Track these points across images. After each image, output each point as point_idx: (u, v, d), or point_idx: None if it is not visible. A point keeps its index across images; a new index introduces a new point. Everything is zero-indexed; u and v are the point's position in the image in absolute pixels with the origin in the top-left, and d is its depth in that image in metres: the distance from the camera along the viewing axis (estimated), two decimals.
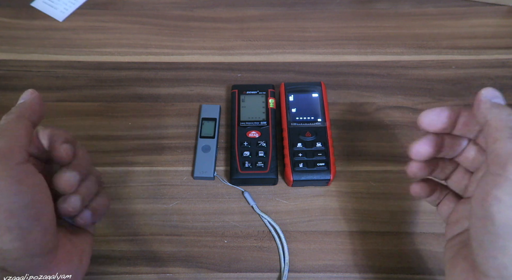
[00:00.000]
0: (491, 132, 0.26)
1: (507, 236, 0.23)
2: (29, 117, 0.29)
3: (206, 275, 0.39)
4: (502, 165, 0.24)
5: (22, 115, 0.29)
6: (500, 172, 0.24)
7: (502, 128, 0.26)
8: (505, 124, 0.26)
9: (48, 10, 0.57)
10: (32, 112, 0.30)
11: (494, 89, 0.28)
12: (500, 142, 0.25)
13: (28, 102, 0.30)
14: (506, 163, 0.24)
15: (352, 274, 0.39)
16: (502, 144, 0.25)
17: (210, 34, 0.55)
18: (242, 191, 0.43)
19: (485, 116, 0.27)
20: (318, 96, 0.47)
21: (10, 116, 0.28)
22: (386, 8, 0.58)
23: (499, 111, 0.27)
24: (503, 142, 0.25)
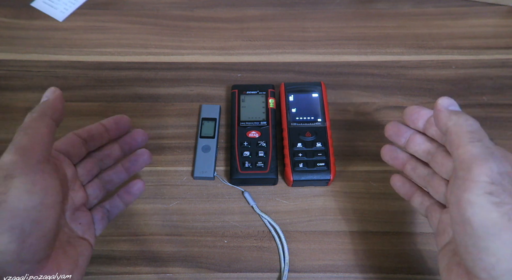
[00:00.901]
0: (453, 139, 0.27)
1: (487, 236, 0.24)
2: (51, 116, 0.29)
3: (206, 275, 0.39)
4: (467, 169, 0.25)
5: (45, 113, 0.29)
6: (466, 176, 0.25)
7: (461, 134, 0.27)
8: (464, 130, 0.27)
9: (48, 10, 0.57)
10: (55, 111, 0.29)
11: (449, 98, 0.29)
12: (462, 147, 0.26)
13: (51, 101, 0.30)
14: (470, 167, 0.25)
15: (352, 274, 0.39)
16: (464, 149, 0.26)
17: (210, 34, 0.55)
18: (242, 191, 0.43)
19: (445, 124, 0.28)
20: (318, 96, 0.47)
21: (33, 115, 0.28)
22: (386, 8, 0.58)
23: (457, 118, 0.28)
24: (465, 147, 0.26)
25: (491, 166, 0.25)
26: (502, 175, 0.25)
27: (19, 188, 0.24)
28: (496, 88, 0.50)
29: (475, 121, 0.27)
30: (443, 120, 0.28)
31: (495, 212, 0.24)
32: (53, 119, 0.29)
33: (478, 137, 0.26)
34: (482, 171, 0.25)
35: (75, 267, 0.29)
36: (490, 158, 0.25)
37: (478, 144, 0.26)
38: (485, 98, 0.49)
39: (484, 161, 0.25)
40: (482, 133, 0.27)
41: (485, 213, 0.24)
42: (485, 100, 0.49)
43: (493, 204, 0.24)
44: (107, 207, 0.35)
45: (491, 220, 0.24)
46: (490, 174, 0.24)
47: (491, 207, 0.24)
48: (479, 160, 0.25)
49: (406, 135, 0.34)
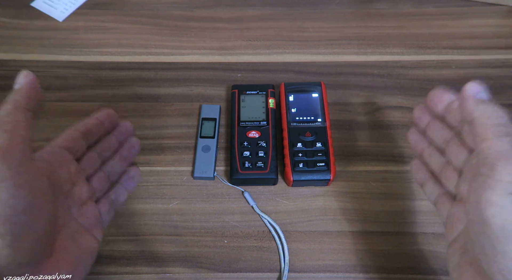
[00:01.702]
0: (478, 131, 0.25)
1: (506, 240, 0.23)
2: (27, 106, 0.27)
3: (206, 275, 0.39)
4: (491, 166, 0.24)
5: (20, 105, 0.27)
6: (489, 173, 0.24)
7: (488, 127, 0.25)
8: (492, 122, 0.25)
9: (48, 10, 0.57)
10: (30, 100, 0.27)
11: (479, 84, 0.27)
12: (488, 141, 0.24)
13: (24, 89, 0.28)
14: (495, 164, 0.23)
15: (352, 274, 0.39)
16: (489, 143, 0.24)
17: (210, 34, 0.55)
18: (242, 191, 0.43)
19: (470, 113, 0.26)
20: (318, 96, 0.47)
21: (7, 107, 0.26)
22: (386, 8, 0.58)
23: (484, 108, 0.26)
24: (491, 141, 0.24)
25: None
26: None
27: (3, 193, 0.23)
28: (496, 88, 0.50)
29: (504, 113, 0.25)
30: (469, 109, 0.26)
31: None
32: (29, 110, 0.27)
33: (507, 131, 0.24)
34: (508, 169, 0.23)
35: (77, 265, 0.28)
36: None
37: (506, 139, 0.24)
38: None
39: (510, 158, 0.23)
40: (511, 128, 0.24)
41: (506, 214, 0.23)
42: None
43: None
44: (112, 197, 0.35)
45: None
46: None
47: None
48: (505, 157, 0.23)
49: (427, 118, 0.33)
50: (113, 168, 0.36)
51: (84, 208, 0.32)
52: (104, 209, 0.34)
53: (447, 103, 0.30)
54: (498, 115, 0.25)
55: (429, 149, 0.33)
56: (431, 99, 0.32)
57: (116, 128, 0.37)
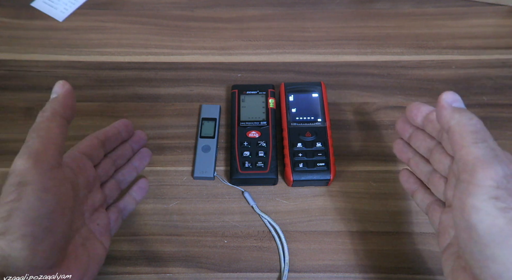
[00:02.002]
0: (455, 139, 0.26)
1: (493, 244, 0.23)
2: (63, 115, 0.28)
3: (206, 275, 0.39)
4: (471, 172, 0.24)
5: (56, 112, 0.28)
6: (470, 179, 0.24)
7: (465, 134, 0.25)
8: (467, 129, 0.25)
9: (48, 10, 0.57)
10: (66, 109, 0.28)
11: (454, 93, 0.28)
12: (465, 148, 0.25)
13: (61, 98, 0.28)
14: (474, 170, 0.24)
15: (352, 274, 0.39)
16: (467, 150, 0.25)
17: (210, 34, 0.55)
18: (242, 191, 0.43)
19: (447, 122, 0.27)
20: (318, 96, 0.47)
21: (45, 114, 0.27)
22: (386, 8, 0.58)
23: (460, 116, 0.26)
24: (468, 148, 0.25)
25: (496, 169, 0.23)
26: (508, 178, 0.23)
27: (31, 196, 0.24)
28: (496, 88, 0.50)
29: (479, 121, 0.26)
30: (446, 117, 0.27)
31: (501, 218, 0.23)
32: (64, 118, 0.28)
33: (482, 137, 0.25)
34: (487, 174, 0.23)
35: (86, 272, 0.29)
36: (494, 160, 0.24)
37: (482, 145, 0.24)
38: (485, 98, 0.49)
39: (489, 163, 0.24)
40: (487, 134, 0.25)
41: (491, 219, 0.23)
42: (485, 100, 0.49)
43: (499, 210, 0.23)
44: (121, 206, 0.35)
45: (497, 227, 0.23)
46: (496, 178, 0.23)
47: (497, 213, 0.23)
48: (483, 162, 0.24)
49: (410, 130, 0.34)
50: (124, 176, 0.37)
51: (96, 214, 0.32)
52: (113, 217, 0.34)
53: (425, 115, 0.31)
54: (473, 123, 0.26)
55: (415, 158, 0.34)
56: (409, 112, 0.32)
57: (131, 137, 0.38)
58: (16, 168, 0.25)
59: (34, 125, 0.27)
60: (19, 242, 0.23)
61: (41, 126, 0.27)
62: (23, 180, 0.24)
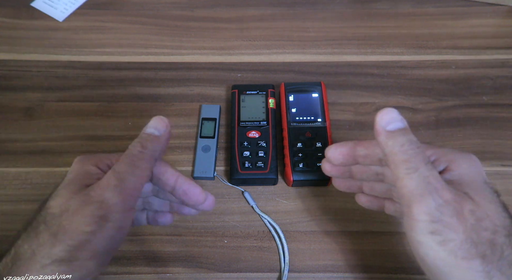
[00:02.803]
0: (391, 169, 0.26)
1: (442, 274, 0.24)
2: (157, 157, 0.28)
3: (206, 275, 0.39)
4: (408, 207, 0.24)
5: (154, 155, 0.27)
6: (409, 214, 0.24)
7: (399, 164, 0.25)
8: (400, 159, 0.25)
9: (48, 10, 0.57)
10: (162, 152, 0.28)
11: (390, 111, 0.27)
12: (400, 181, 0.25)
13: (163, 140, 0.28)
14: (410, 204, 0.24)
15: (352, 274, 0.39)
16: (401, 183, 0.25)
17: (210, 34, 0.55)
18: (242, 191, 0.43)
19: (383, 149, 0.27)
20: (318, 96, 0.47)
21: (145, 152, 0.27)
22: (386, 8, 0.58)
23: (392, 143, 0.26)
24: (402, 181, 0.25)
25: (428, 202, 0.24)
26: (440, 209, 0.24)
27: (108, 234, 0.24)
28: (496, 88, 0.50)
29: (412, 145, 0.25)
30: (381, 145, 0.27)
31: (441, 251, 0.23)
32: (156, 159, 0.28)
33: (414, 166, 0.25)
34: (421, 209, 0.24)
35: None
36: (425, 192, 0.24)
37: (414, 176, 0.24)
38: (485, 98, 0.49)
39: (422, 197, 0.24)
40: (419, 160, 0.25)
41: (434, 253, 0.24)
42: (485, 100, 0.49)
43: (438, 244, 0.23)
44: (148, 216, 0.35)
45: (441, 260, 0.24)
46: (429, 211, 0.24)
47: (437, 246, 0.24)
48: (416, 195, 0.24)
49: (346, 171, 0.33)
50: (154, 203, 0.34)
51: None
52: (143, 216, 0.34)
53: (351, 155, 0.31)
54: (404, 150, 0.25)
55: (367, 184, 0.34)
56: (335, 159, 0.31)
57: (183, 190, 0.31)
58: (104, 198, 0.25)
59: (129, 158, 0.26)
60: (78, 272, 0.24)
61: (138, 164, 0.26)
62: (106, 215, 0.24)
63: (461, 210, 0.24)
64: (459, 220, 0.24)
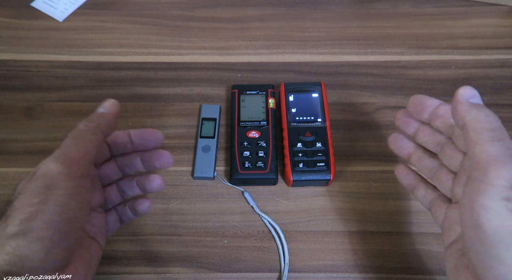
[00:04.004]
0: (470, 136, 0.25)
1: (501, 245, 0.23)
2: (104, 131, 0.29)
3: (206, 275, 0.39)
4: (484, 171, 0.23)
5: (99, 127, 0.29)
6: (482, 178, 0.23)
7: (480, 131, 0.25)
8: (483, 126, 0.25)
9: (48, 10, 0.57)
10: (109, 126, 0.30)
11: (472, 88, 0.27)
12: (479, 146, 0.24)
13: (109, 116, 0.30)
14: (487, 168, 0.23)
15: (352, 274, 0.39)
16: (481, 148, 0.24)
17: (210, 34, 0.55)
18: (242, 191, 0.43)
19: (463, 118, 0.26)
20: (318, 96, 0.47)
21: (88, 125, 0.28)
22: (386, 8, 0.58)
23: (477, 112, 0.25)
24: (482, 146, 0.24)
25: (510, 169, 0.23)
26: None
27: (58, 201, 0.24)
28: (496, 88, 0.50)
29: (496, 119, 0.25)
30: (461, 113, 0.26)
31: (511, 220, 0.22)
32: (104, 134, 0.29)
33: (499, 136, 0.24)
34: (500, 174, 0.23)
35: (89, 271, 0.29)
36: (509, 160, 0.23)
37: (498, 144, 0.24)
38: (485, 98, 0.49)
39: (503, 163, 0.23)
40: (504, 133, 0.24)
41: (500, 220, 0.22)
42: (485, 101, 0.49)
43: (509, 211, 0.22)
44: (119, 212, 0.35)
45: (506, 228, 0.22)
46: (509, 178, 0.22)
47: (508, 214, 0.22)
48: (497, 161, 0.23)
49: (415, 125, 0.33)
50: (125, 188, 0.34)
51: (92, 214, 0.32)
52: (111, 219, 0.34)
53: (432, 110, 0.30)
54: (490, 120, 0.25)
55: (418, 153, 0.33)
56: (413, 107, 0.31)
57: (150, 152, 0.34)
58: (47, 171, 0.25)
59: (74, 132, 0.28)
60: (37, 243, 0.24)
61: (83, 135, 0.28)
62: (52, 183, 0.25)
63: None
64: None
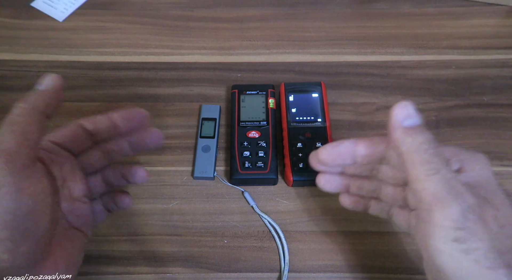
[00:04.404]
0: (408, 168, 0.24)
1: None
2: (43, 111, 0.25)
3: (206, 275, 0.39)
4: (428, 211, 0.23)
5: (37, 107, 0.25)
6: (428, 220, 0.23)
7: (418, 164, 0.24)
8: (419, 159, 0.24)
9: (48, 10, 0.57)
10: (49, 105, 0.26)
11: (406, 105, 0.25)
12: (419, 183, 0.23)
13: (48, 93, 0.26)
14: (431, 209, 0.23)
15: (352, 274, 0.39)
16: (421, 185, 0.23)
17: (210, 34, 0.55)
18: (242, 191, 0.43)
19: (399, 147, 0.25)
20: (318, 96, 0.47)
21: (23, 107, 0.25)
22: (386, 8, 0.58)
23: (411, 141, 0.24)
24: (422, 183, 0.23)
25: (452, 207, 0.22)
26: (466, 215, 0.22)
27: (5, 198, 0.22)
28: (496, 88, 0.50)
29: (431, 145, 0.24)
30: (397, 141, 0.25)
31: (465, 260, 0.22)
32: (45, 114, 0.25)
33: (435, 167, 0.23)
34: (445, 214, 0.22)
35: (71, 262, 0.28)
36: (449, 196, 0.22)
37: (436, 178, 0.23)
38: (485, 98, 0.49)
39: (445, 201, 0.22)
40: (440, 161, 0.23)
41: (455, 262, 0.22)
42: (485, 100, 0.49)
43: (461, 252, 0.22)
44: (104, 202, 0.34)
45: (463, 269, 0.22)
46: (453, 217, 0.22)
47: (460, 255, 0.22)
48: (438, 200, 0.22)
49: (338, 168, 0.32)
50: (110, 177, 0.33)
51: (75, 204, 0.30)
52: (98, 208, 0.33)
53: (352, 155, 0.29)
54: (424, 149, 0.24)
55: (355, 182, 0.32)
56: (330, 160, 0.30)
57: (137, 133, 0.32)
58: None
59: (8, 118, 0.24)
60: None
61: (17, 120, 0.24)
62: None
63: (484, 216, 0.23)
64: (484, 227, 0.22)
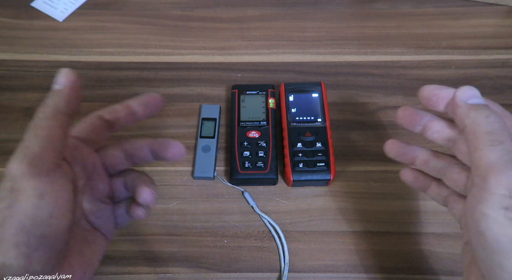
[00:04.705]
0: (470, 140, 0.24)
1: (502, 252, 0.22)
2: (66, 111, 0.25)
3: (206, 275, 0.39)
4: (483, 177, 0.23)
5: (59, 109, 0.24)
6: (482, 185, 0.23)
7: (479, 135, 0.24)
8: (482, 130, 0.24)
9: (48, 10, 0.57)
10: (70, 104, 0.25)
11: (471, 88, 0.26)
12: (479, 151, 0.23)
13: (66, 92, 0.25)
14: (487, 175, 0.23)
15: (352, 274, 0.39)
16: (481, 153, 0.23)
17: (210, 34, 0.55)
18: (242, 191, 0.43)
19: (462, 121, 0.25)
20: (318, 96, 0.47)
21: (46, 110, 0.24)
22: (386, 8, 0.58)
23: (476, 115, 0.24)
24: (482, 151, 0.23)
25: (510, 176, 0.22)
26: None
27: (26, 203, 0.22)
28: (496, 88, 0.50)
29: (497, 119, 0.24)
30: (460, 116, 0.25)
31: (510, 228, 0.22)
32: (68, 114, 0.25)
33: (499, 139, 0.23)
34: (500, 181, 0.22)
35: (88, 266, 0.27)
36: (509, 166, 0.22)
37: (498, 148, 0.23)
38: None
39: (503, 170, 0.22)
40: (504, 134, 0.23)
41: (500, 228, 0.22)
42: None
43: (509, 220, 0.22)
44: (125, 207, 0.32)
45: (506, 236, 0.22)
46: (508, 186, 0.22)
47: (507, 222, 0.22)
48: (496, 167, 0.22)
49: (422, 122, 0.31)
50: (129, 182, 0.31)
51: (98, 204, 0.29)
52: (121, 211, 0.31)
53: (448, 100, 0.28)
54: (489, 122, 0.24)
55: (422, 156, 0.32)
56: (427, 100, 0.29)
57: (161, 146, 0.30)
58: (9, 172, 0.22)
59: (33, 123, 0.24)
60: (13, 250, 0.22)
61: (41, 125, 0.24)
62: (16, 186, 0.22)
63: None
64: None
